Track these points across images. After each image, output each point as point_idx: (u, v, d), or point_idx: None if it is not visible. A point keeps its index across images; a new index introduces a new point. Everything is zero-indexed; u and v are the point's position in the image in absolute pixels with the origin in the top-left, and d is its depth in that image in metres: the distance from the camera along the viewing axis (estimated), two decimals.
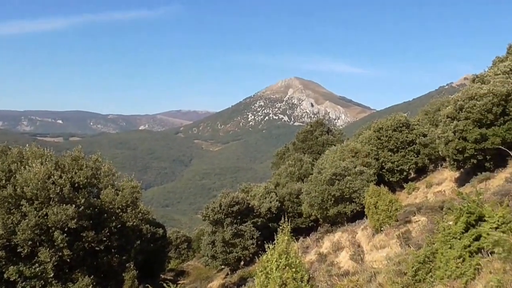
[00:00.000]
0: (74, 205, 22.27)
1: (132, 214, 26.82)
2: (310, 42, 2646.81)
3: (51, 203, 22.23)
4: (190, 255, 65.66)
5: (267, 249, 13.16)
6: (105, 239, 24.19)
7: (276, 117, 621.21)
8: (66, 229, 22.26)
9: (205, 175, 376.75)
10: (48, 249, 21.46)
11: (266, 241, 14.03)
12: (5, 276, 20.41)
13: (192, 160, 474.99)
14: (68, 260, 22.38)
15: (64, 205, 21.94)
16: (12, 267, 20.47)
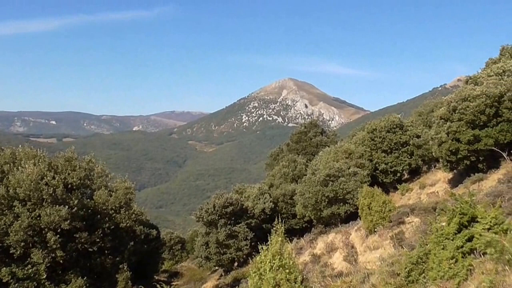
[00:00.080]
0: (67, 206, 22.21)
1: (126, 215, 26.78)
2: (305, 43, 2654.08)
3: (44, 204, 22.16)
4: (184, 256, 65.53)
5: (261, 250, 13.16)
6: (99, 240, 24.13)
7: (270, 118, 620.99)
8: (59, 230, 22.19)
9: (199, 176, 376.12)
10: (41, 250, 21.40)
11: (260, 242, 14.00)
12: None
13: (186, 161, 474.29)
14: (61, 262, 22.33)
15: (57, 206, 21.87)
16: (5, 269, 20.38)
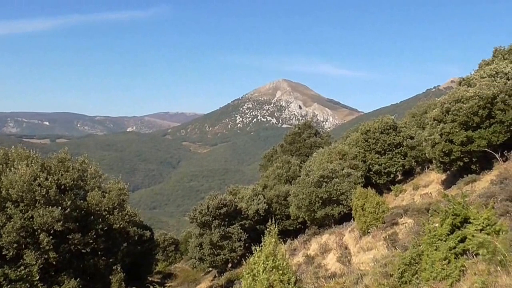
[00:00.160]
0: (60, 207, 22.15)
1: (119, 216, 26.74)
2: (299, 44, 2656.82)
3: (37, 205, 22.09)
4: (178, 258, 65.37)
5: (254, 251, 13.16)
6: (92, 242, 24.08)
7: (264, 119, 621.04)
8: (52, 232, 22.13)
9: (193, 177, 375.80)
10: (34, 252, 21.33)
11: (254, 243, 13.99)
12: None
13: (180, 162, 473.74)
14: (54, 263, 22.27)
15: (50, 207, 21.81)
16: None
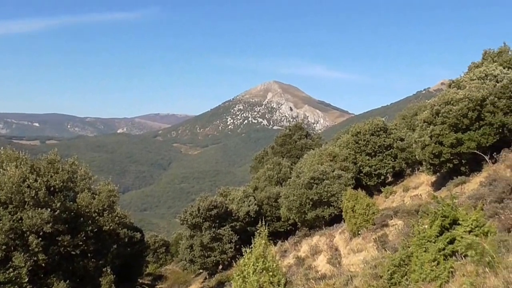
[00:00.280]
0: (50, 209, 22.04)
1: (109, 218, 26.66)
2: (290, 46, 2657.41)
3: (26, 207, 21.97)
4: (168, 259, 65.21)
5: (245, 253, 13.17)
6: (81, 243, 23.98)
7: (255, 121, 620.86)
8: (41, 233, 22.01)
9: (184, 179, 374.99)
10: (23, 254, 21.20)
11: (245, 245, 14.01)
12: None
13: (171, 164, 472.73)
14: (43, 265, 22.14)
15: (39, 209, 21.70)
16: None
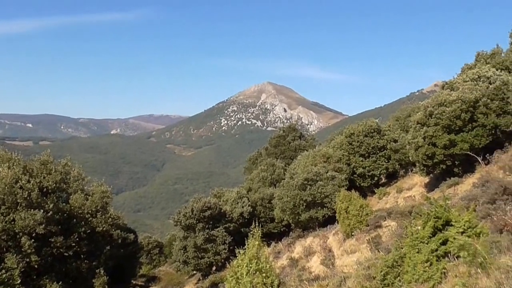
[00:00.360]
0: (42, 210, 21.97)
1: (102, 219, 26.60)
2: (284, 48, 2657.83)
3: (19, 208, 21.89)
4: (162, 261, 65.12)
5: (238, 254, 13.17)
6: (74, 245, 23.91)
7: (249, 122, 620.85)
8: (34, 235, 21.93)
9: (178, 180, 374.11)
10: (15, 255, 21.11)
11: (238, 246, 14.02)
12: None
13: (165, 165, 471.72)
14: (36, 266, 22.06)
15: (32, 210, 21.63)
16: None
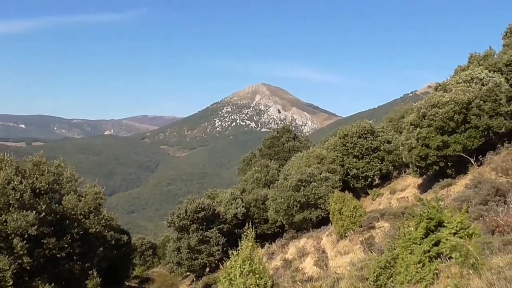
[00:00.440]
0: (35, 211, 21.87)
1: (95, 221, 26.49)
2: (279, 49, 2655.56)
3: (11, 209, 21.78)
4: (155, 262, 65.01)
5: (231, 256, 13.15)
6: (67, 246, 23.80)
7: (243, 123, 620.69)
8: (26, 236, 21.82)
9: (172, 181, 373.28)
10: (7, 257, 20.99)
11: (232, 247, 14.00)
12: None
13: (158, 166, 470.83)
14: (28, 268, 21.95)
15: (24, 211, 21.52)
16: None
